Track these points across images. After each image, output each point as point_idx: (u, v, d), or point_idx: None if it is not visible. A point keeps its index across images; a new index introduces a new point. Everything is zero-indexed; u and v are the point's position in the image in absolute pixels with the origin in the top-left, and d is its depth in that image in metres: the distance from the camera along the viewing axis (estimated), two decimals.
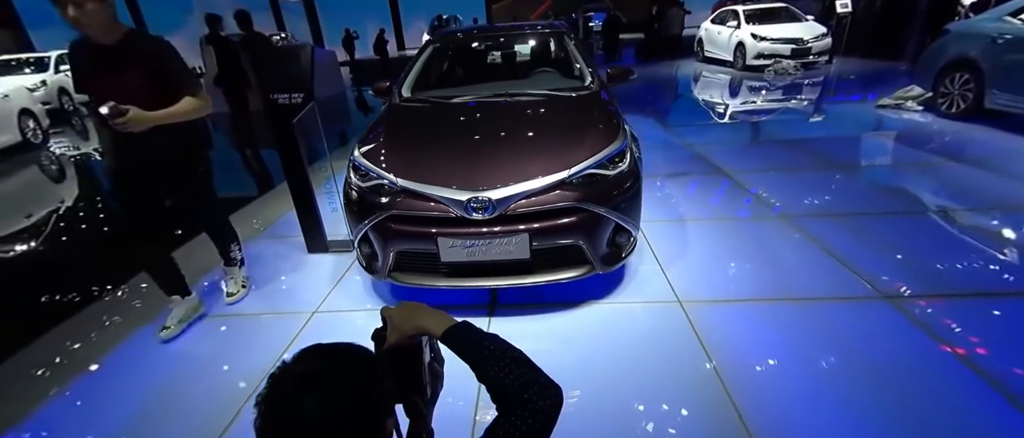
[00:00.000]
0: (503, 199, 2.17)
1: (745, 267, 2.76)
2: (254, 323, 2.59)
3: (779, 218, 3.34)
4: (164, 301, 2.57)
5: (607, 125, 2.57)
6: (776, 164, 4.39)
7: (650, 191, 3.94)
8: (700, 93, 8.75)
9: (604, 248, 2.39)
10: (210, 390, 2.11)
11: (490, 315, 2.47)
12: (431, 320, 0.85)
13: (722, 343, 2.16)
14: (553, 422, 0.73)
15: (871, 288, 2.48)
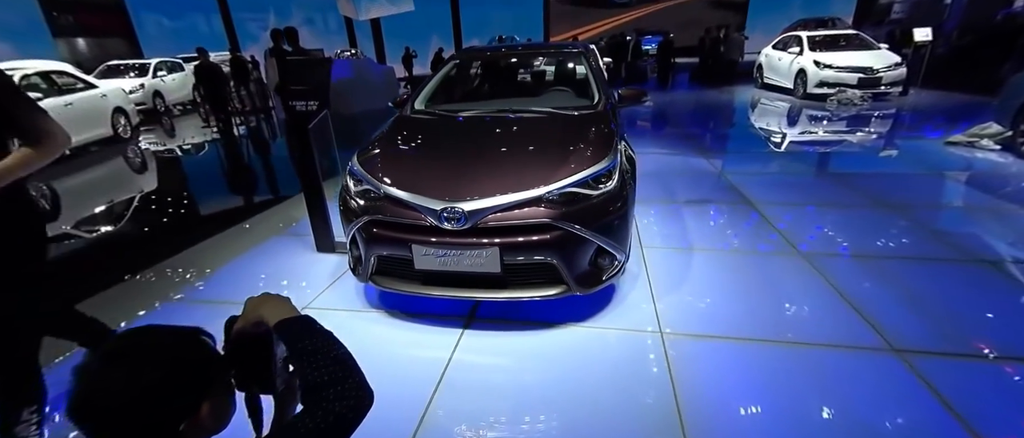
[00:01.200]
0: (475, 211, 2.18)
1: (744, 303, 2.58)
2: (223, 311, 2.73)
3: (799, 255, 3.10)
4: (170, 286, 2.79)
5: (598, 145, 2.53)
6: (814, 198, 4.09)
7: (663, 216, 3.80)
8: (753, 120, 8.35)
9: (582, 269, 2.33)
10: None
11: (465, 327, 2.47)
12: (271, 310, 0.87)
13: (695, 381, 2.03)
14: (348, 427, 0.73)
15: (882, 339, 2.24)
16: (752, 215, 3.79)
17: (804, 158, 5.64)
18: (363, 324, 2.57)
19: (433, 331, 2.45)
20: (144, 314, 2.77)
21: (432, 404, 1.97)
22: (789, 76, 9.99)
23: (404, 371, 2.18)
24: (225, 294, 2.95)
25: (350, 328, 2.54)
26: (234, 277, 3.16)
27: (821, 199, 4.07)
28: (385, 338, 2.44)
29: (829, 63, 9.14)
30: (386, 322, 2.56)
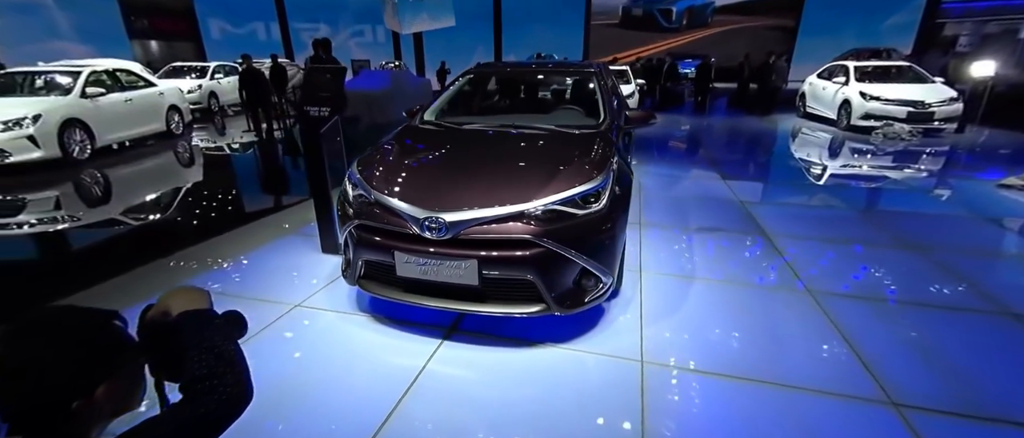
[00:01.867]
0: (457, 222, 2.19)
1: (738, 339, 2.46)
2: (231, 304, 2.84)
3: (804, 292, 2.93)
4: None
5: (589, 165, 2.50)
6: (837, 235, 3.87)
7: (670, 242, 3.70)
8: (788, 150, 8.03)
9: (563, 289, 2.29)
10: None
11: (445, 338, 2.47)
12: (179, 300, 0.90)
13: (667, 415, 1.94)
14: (216, 422, 0.73)
15: (880, 390, 2.08)
16: (765, 247, 3.62)
17: (836, 191, 5.37)
18: (347, 326, 2.61)
19: (412, 339, 2.46)
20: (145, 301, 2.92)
21: (396, 411, 1.97)
22: (833, 106, 9.58)
23: (375, 375, 2.20)
24: (230, 287, 3.07)
25: (334, 329, 2.59)
26: (239, 271, 3.29)
27: (844, 235, 3.85)
28: (364, 341, 2.47)
29: (876, 95, 8.70)
30: (369, 326, 2.60)
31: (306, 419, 1.94)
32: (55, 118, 6.42)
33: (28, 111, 6.16)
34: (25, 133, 6.05)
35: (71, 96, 6.96)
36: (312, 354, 2.37)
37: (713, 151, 7.57)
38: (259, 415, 1.95)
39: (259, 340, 2.48)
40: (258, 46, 19.78)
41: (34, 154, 6.11)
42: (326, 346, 2.44)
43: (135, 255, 3.57)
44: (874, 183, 5.82)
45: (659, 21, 21.58)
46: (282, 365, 2.29)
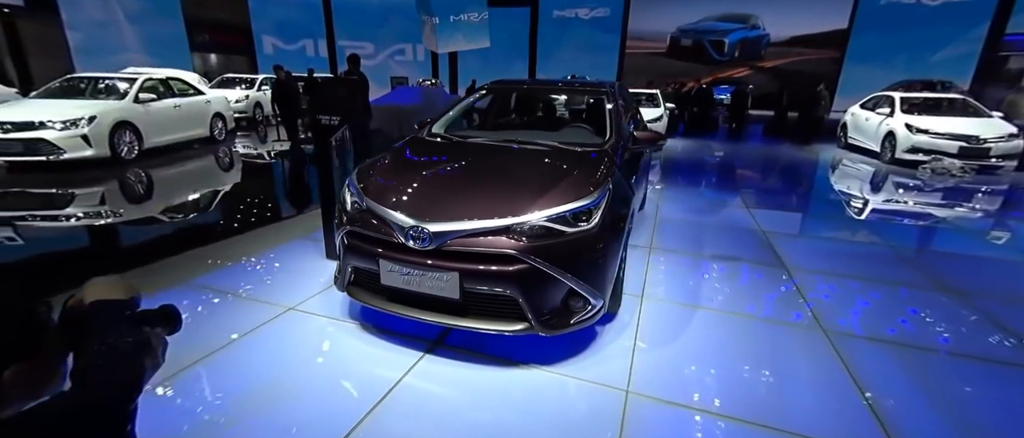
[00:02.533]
0: (441, 233, 2.16)
1: (736, 375, 2.29)
2: (229, 302, 2.89)
3: (817, 330, 2.72)
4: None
5: (583, 182, 2.43)
6: (865, 272, 3.60)
7: (679, 268, 3.54)
8: (822, 180, 7.65)
9: (548, 308, 2.21)
10: None
11: (428, 352, 2.42)
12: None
13: None
14: (104, 416, 0.71)
15: None
16: (782, 280, 3.41)
17: (870, 226, 5.04)
18: (333, 332, 2.60)
19: (395, 350, 2.43)
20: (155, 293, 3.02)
21: (363, 423, 1.92)
22: (875, 138, 9.10)
23: (350, 384, 2.17)
24: (229, 285, 3.12)
25: (320, 334, 2.59)
26: (243, 271, 3.36)
27: (873, 274, 3.57)
28: (347, 348, 2.45)
29: (925, 128, 8.21)
30: (356, 334, 2.58)
31: (271, 421, 1.92)
32: (108, 120, 6.89)
33: (84, 113, 6.64)
34: (80, 132, 6.51)
35: (125, 101, 7.47)
36: (292, 357, 2.37)
37: (740, 178, 7.30)
38: (224, 412, 1.95)
39: (247, 339, 2.51)
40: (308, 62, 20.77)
41: (86, 152, 6.55)
42: (308, 350, 2.43)
43: (149, 250, 3.72)
44: (916, 220, 5.43)
45: (709, 53, 20.69)
46: (261, 365, 2.29)
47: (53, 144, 6.30)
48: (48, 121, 6.34)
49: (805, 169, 8.54)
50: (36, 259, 3.84)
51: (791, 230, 4.62)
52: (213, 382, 2.16)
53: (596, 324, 2.67)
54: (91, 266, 3.64)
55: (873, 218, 5.42)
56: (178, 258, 3.63)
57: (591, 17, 20.65)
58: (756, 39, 20.32)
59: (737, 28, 20.44)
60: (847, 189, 6.99)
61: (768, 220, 4.91)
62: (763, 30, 20.16)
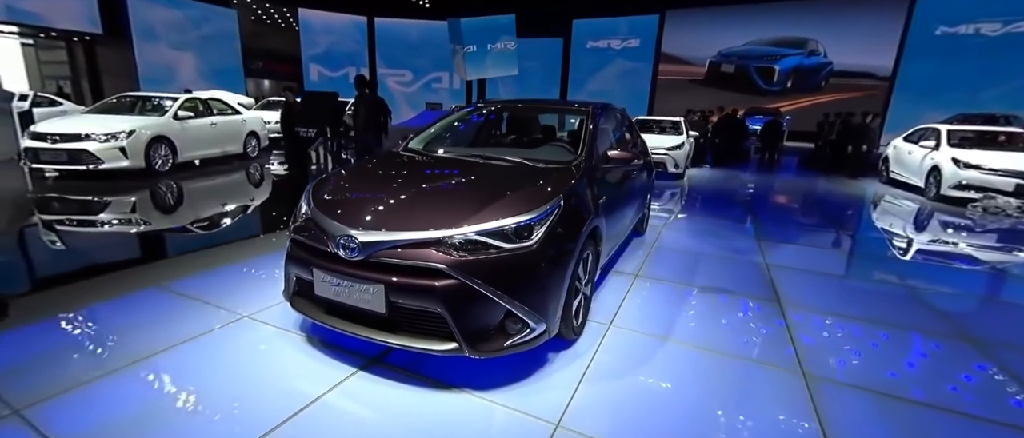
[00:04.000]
0: (370, 243, 2.10)
1: (685, 414, 2.06)
2: (190, 306, 2.90)
3: (797, 373, 2.43)
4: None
5: (529, 197, 2.31)
6: (873, 315, 3.24)
7: (659, 297, 3.32)
8: (848, 214, 7.10)
9: (478, 328, 2.08)
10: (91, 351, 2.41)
11: (362, 369, 2.32)
12: None
13: None
14: None
15: None
16: (772, 317, 3.11)
17: (892, 266, 4.58)
18: (274, 341, 2.56)
19: (328, 365, 2.35)
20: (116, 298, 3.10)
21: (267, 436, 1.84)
22: (919, 173, 8.43)
23: (267, 396, 2.09)
24: (202, 291, 3.16)
25: (262, 342, 2.54)
26: (215, 277, 3.41)
27: (885, 317, 3.21)
28: (280, 359, 2.39)
29: (975, 163, 7.54)
30: (296, 345, 2.53)
31: (178, 425, 1.86)
32: (146, 135, 7.38)
33: (125, 127, 7.15)
34: (118, 145, 6.99)
35: (165, 117, 7.99)
36: (223, 364, 2.33)
37: (756, 209, 6.89)
38: (137, 414, 1.92)
39: (195, 342, 2.50)
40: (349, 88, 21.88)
41: (122, 163, 7.01)
42: (242, 358, 2.39)
43: (139, 253, 3.86)
44: (951, 261, 4.91)
45: (755, 81, 18.60)
46: (194, 368, 2.26)
47: (94, 155, 6.80)
48: (91, 134, 6.86)
49: (833, 202, 7.97)
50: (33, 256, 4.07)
51: (799, 265, 4.27)
52: (135, 386, 2.14)
53: (550, 351, 2.52)
54: (78, 265, 3.80)
55: (899, 257, 4.94)
56: (164, 262, 3.75)
57: (623, 47, 20.69)
58: (814, 68, 17.90)
59: (791, 54, 18.18)
60: (875, 224, 6.46)
61: (777, 253, 4.56)
62: (824, 58, 17.85)
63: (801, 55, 18.32)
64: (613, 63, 21.09)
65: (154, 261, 3.83)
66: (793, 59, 18.35)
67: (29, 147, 6.74)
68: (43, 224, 4.93)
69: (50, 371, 2.20)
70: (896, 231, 6.12)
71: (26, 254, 4.13)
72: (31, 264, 3.89)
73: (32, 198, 5.93)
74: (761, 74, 18.91)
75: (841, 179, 10.33)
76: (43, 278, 3.61)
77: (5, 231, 4.62)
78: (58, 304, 2.91)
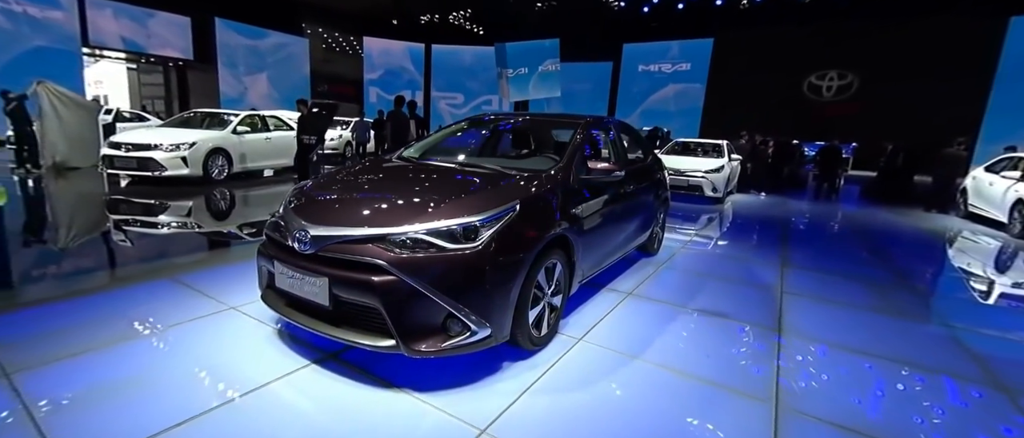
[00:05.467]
0: (320, 237, 2.17)
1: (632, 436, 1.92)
2: (189, 296, 3.11)
3: (769, 403, 2.20)
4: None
5: (481, 199, 2.31)
6: (883, 350, 2.89)
7: (646, 317, 3.16)
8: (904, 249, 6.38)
9: (416, 326, 2.08)
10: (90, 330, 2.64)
11: (318, 362, 2.37)
12: None
13: None
14: None
15: None
16: (764, 344, 2.84)
17: (936, 303, 4.06)
18: (249, 331, 2.67)
19: (285, 355, 2.42)
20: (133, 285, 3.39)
21: (197, 419, 1.90)
22: (1002, 207, 7.49)
23: (217, 378, 2.19)
24: (206, 284, 3.38)
25: (235, 331, 2.68)
26: (224, 273, 3.65)
27: (903, 355, 2.84)
28: (243, 346, 2.50)
29: None
30: (262, 335, 2.62)
31: (130, 397, 1.99)
32: (206, 147, 8.13)
33: (188, 139, 7.93)
34: (180, 155, 7.74)
35: (225, 131, 8.77)
36: (195, 347, 2.47)
37: (792, 236, 6.38)
38: (99, 385, 2.07)
39: (179, 327, 2.68)
40: None
41: (182, 171, 7.75)
42: (214, 343, 2.53)
43: (168, 249, 4.21)
44: (1014, 302, 4.28)
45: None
46: (167, 350, 2.42)
47: (159, 163, 7.56)
48: (159, 144, 7.66)
49: (888, 235, 7.21)
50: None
51: (817, 294, 3.89)
52: (111, 361, 2.32)
53: (506, 359, 2.47)
54: (115, 258, 4.20)
55: (947, 295, 4.39)
56: (187, 257, 4.07)
57: (673, 70, 20.35)
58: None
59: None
60: (931, 259, 5.77)
61: (798, 282, 4.20)
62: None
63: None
64: (663, 85, 20.76)
65: (178, 256, 4.17)
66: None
67: (106, 154, 7.63)
68: (111, 222, 5.53)
69: (45, 345, 2.44)
70: (960, 266, 5.44)
71: (71, 246, 4.63)
72: (74, 254, 4.36)
73: (105, 199, 6.67)
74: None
75: (911, 211, 9.39)
76: (78, 268, 4.02)
77: (79, 226, 5.23)
78: (82, 288, 3.23)
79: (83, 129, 9.07)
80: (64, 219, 5.76)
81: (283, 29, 21.97)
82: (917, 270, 5.16)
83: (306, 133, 3.34)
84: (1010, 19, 14.97)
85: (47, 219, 5.82)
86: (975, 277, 4.98)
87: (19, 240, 4.57)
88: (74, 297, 3.10)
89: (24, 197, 6.82)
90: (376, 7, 23.78)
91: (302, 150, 3.33)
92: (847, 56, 18.18)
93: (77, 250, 4.40)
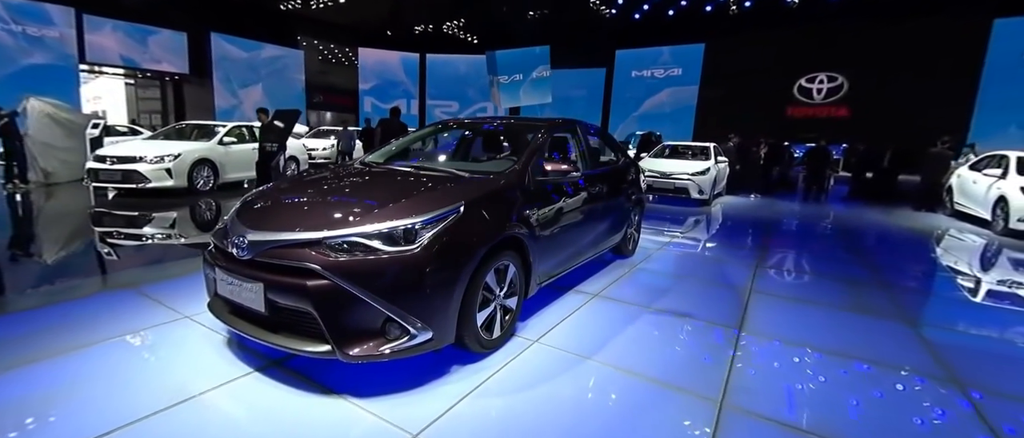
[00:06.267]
0: (257, 242, 2.15)
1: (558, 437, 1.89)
2: (146, 306, 3.09)
3: (715, 402, 2.16)
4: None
5: (427, 202, 2.29)
6: (846, 349, 2.84)
7: (604, 318, 3.12)
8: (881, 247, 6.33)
9: (351, 331, 2.06)
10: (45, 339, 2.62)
11: (260, 370, 2.34)
12: None
13: None
14: None
15: None
16: (722, 343, 2.81)
17: (906, 300, 4.02)
18: (193, 339, 2.64)
19: (228, 363, 2.39)
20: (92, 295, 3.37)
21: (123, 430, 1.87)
22: (985, 204, 7.46)
23: (157, 385, 2.16)
24: (166, 294, 3.36)
25: (182, 339, 2.65)
26: (185, 284, 3.61)
27: (861, 353, 2.80)
28: (187, 354, 2.47)
29: None
30: (210, 343, 2.59)
31: (72, 405, 1.97)
32: (190, 158, 8.14)
33: (172, 151, 7.95)
34: (165, 167, 7.76)
35: (210, 143, 8.79)
36: (142, 355, 2.45)
37: (773, 238, 6.35)
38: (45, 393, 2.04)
39: (132, 335, 2.65)
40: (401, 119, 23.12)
41: (167, 183, 7.76)
42: (162, 351, 2.50)
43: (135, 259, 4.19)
44: (999, 302, 4.23)
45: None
46: (114, 358, 2.39)
47: (143, 175, 7.57)
48: (143, 156, 7.69)
49: (869, 234, 7.16)
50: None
51: (787, 293, 3.85)
52: (61, 369, 2.29)
53: (455, 363, 2.44)
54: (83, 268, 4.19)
55: (920, 291, 4.34)
56: (154, 268, 4.06)
57: (666, 76, 20.45)
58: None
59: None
60: (909, 257, 5.72)
61: (769, 281, 4.16)
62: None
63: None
64: (656, 90, 20.85)
65: (145, 267, 4.16)
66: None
67: (91, 168, 7.66)
68: (84, 235, 5.52)
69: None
70: (938, 263, 5.40)
71: (42, 259, 4.62)
72: (42, 267, 4.35)
73: (88, 212, 6.67)
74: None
75: (897, 211, 9.35)
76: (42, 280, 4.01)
77: (52, 239, 5.22)
78: (41, 300, 3.22)
79: (71, 143, 9.12)
80: (38, 233, 5.76)
81: (278, 42, 22.15)
82: (894, 268, 5.11)
83: (269, 141, 3.37)
84: (993, 21, 15.04)
85: (19, 233, 5.81)
86: (952, 274, 4.94)
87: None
88: (32, 308, 3.08)
89: (9, 212, 6.84)
90: (371, 18, 23.95)
91: (264, 157, 3.37)
92: (836, 58, 18.29)
93: (45, 263, 4.39)
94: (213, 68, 19.97)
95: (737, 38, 19.70)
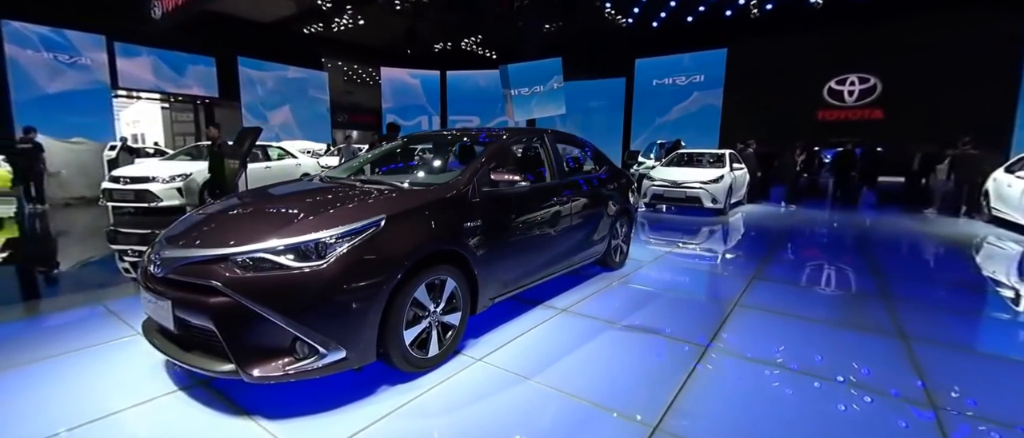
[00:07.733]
0: (170, 259, 2.11)
1: None
2: (106, 321, 3.10)
3: (649, 427, 1.94)
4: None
5: (343, 215, 2.19)
6: (818, 368, 2.55)
7: (567, 334, 2.93)
8: (909, 257, 5.82)
9: (255, 349, 1.97)
10: None
11: (185, 389, 2.28)
12: None
13: None
14: None
15: None
16: (683, 362, 2.56)
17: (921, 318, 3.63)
18: (135, 356, 2.59)
19: (156, 381, 2.34)
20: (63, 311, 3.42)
21: None
22: (1019, 209, 6.81)
23: (77, 401, 2.13)
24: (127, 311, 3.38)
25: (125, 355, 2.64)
26: None
27: (835, 372, 2.50)
28: (119, 371, 2.44)
29: None
30: (150, 363, 2.53)
31: None
32: (201, 177, 8.41)
33: (184, 170, 8.24)
34: (175, 186, 8.05)
35: None
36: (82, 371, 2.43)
37: (786, 247, 5.94)
38: None
39: (81, 352, 2.66)
40: None
41: (177, 201, 8.03)
42: (101, 367, 2.48)
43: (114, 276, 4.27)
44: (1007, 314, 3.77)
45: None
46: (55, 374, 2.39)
47: (155, 194, 7.87)
48: (154, 176, 7.99)
49: (893, 244, 6.63)
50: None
51: (775, 307, 3.54)
52: None
53: (384, 383, 2.32)
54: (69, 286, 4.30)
55: (926, 308, 3.92)
56: (132, 284, 4.12)
57: (688, 83, 19.99)
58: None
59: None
60: (926, 268, 5.23)
61: (760, 294, 3.85)
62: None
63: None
64: (679, 98, 20.39)
65: (122, 284, 4.24)
66: None
67: (106, 188, 8.01)
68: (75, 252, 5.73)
69: None
70: (957, 278, 4.91)
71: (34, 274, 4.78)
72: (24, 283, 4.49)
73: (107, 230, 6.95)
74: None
75: (935, 218, 8.68)
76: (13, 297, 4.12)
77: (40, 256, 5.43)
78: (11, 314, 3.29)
79: (86, 167, 9.68)
80: (35, 250, 6.01)
81: (303, 64, 22.98)
82: (906, 281, 4.67)
83: (231, 157, 3.45)
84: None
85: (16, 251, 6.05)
86: (973, 291, 4.47)
87: None
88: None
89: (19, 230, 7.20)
90: (391, 39, 24.59)
91: (216, 175, 3.45)
92: (867, 59, 17.44)
93: (30, 279, 4.54)
94: (241, 91, 20.86)
95: (761, 41, 19.13)
